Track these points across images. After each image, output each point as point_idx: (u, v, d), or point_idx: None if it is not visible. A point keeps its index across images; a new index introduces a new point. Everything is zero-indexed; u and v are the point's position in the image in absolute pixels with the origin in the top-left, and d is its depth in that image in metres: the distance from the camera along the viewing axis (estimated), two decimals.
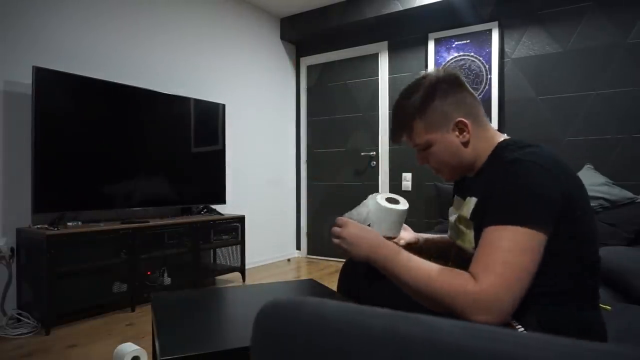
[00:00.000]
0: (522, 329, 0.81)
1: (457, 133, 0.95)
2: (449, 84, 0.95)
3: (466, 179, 1.05)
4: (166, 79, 3.26)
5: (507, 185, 0.82)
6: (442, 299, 0.79)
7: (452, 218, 1.07)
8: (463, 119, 0.94)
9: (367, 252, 0.91)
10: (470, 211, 0.95)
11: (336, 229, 0.97)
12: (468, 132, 0.95)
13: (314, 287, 1.46)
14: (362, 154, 4.16)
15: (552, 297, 0.83)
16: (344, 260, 1.32)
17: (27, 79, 2.43)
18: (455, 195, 1.11)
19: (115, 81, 2.83)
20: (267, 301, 0.51)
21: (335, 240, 0.96)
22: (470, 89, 0.99)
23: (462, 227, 0.99)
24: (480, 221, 0.87)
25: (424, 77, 0.98)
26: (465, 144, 0.95)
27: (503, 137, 0.98)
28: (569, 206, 0.81)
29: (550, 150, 0.85)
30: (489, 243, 0.80)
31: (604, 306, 1.32)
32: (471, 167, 0.99)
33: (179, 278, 2.89)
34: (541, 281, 0.80)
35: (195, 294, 1.38)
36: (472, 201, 0.96)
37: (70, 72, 2.60)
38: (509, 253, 0.77)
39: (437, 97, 0.94)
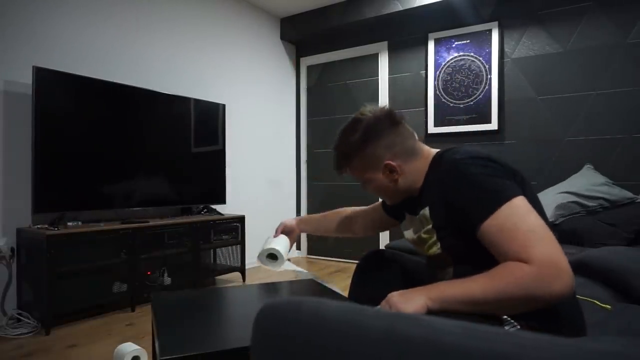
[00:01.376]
0: (506, 316, 0.84)
1: (387, 173, 1.04)
2: (383, 124, 1.03)
3: (411, 199, 1.10)
4: (166, 79, 3.26)
5: (465, 185, 0.88)
6: (516, 296, 0.76)
7: (409, 235, 1.14)
8: (390, 162, 1.02)
9: (424, 301, 0.85)
10: (427, 217, 1.01)
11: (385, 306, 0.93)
12: (397, 173, 1.03)
13: (315, 287, 1.46)
14: None
15: None
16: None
17: (27, 79, 2.43)
18: (407, 214, 1.16)
19: (115, 81, 2.83)
20: (267, 302, 0.51)
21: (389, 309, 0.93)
22: (404, 123, 1.06)
23: (425, 236, 1.05)
24: (443, 225, 0.96)
25: (360, 119, 1.05)
26: (395, 182, 1.05)
27: (435, 150, 1.06)
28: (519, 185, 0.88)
29: (476, 149, 0.95)
30: (499, 232, 0.81)
31: (604, 306, 1.32)
32: (410, 191, 1.07)
33: (179, 278, 2.89)
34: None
35: (195, 294, 1.38)
36: (425, 210, 1.02)
37: (70, 72, 2.60)
38: (523, 222, 0.80)
39: (371, 140, 1.02)
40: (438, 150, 1.06)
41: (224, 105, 3.48)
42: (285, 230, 1.49)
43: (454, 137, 3.60)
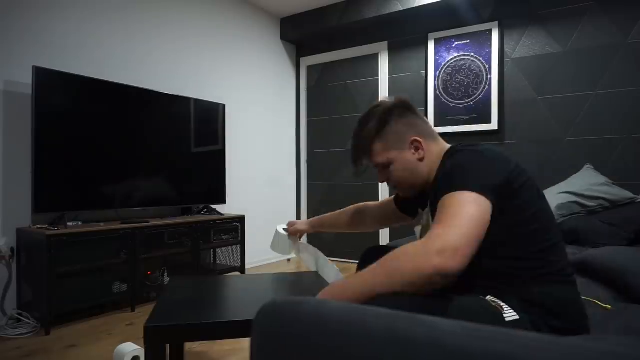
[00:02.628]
0: (512, 311, 0.85)
1: (412, 151, 1.06)
2: (401, 108, 1.08)
3: (423, 194, 1.13)
4: (166, 79, 3.26)
5: (448, 168, 0.93)
6: (404, 268, 0.79)
7: (418, 229, 1.18)
8: (417, 137, 1.06)
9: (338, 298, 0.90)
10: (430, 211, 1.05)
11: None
12: (422, 149, 1.06)
13: (317, 280, 1.46)
14: None
15: (523, 277, 0.89)
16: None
17: (27, 79, 2.43)
18: (419, 210, 1.20)
19: (115, 81, 2.83)
20: (267, 301, 0.51)
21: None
22: (420, 113, 1.11)
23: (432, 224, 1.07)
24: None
25: (378, 106, 1.10)
26: (421, 160, 1.07)
27: (449, 146, 1.09)
28: (513, 185, 0.89)
29: (491, 146, 0.96)
30: (439, 210, 0.86)
31: (605, 306, 1.32)
32: (426, 182, 1.09)
33: None
34: (511, 263, 0.88)
35: (210, 280, 1.40)
36: (427, 211, 1.09)
37: (70, 72, 2.60)
38: (455, 208, 0.83)
39: (392, 120, 1.06)
40: (450, 145, 1.09)
41: (224, 105, 3.48)
42: (292, 230, 1.58)
43: (454, 137, 3.60)
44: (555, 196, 2.69)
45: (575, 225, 2.53)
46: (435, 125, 3.69)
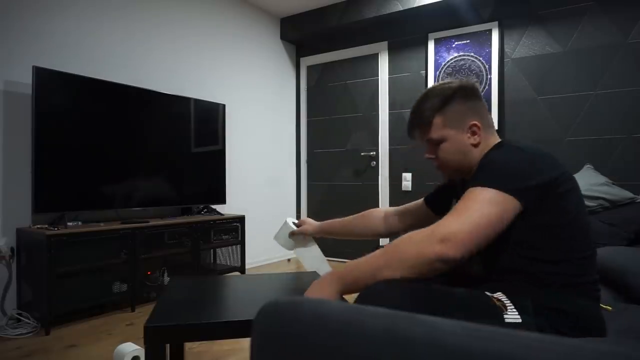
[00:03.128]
0: (512, 306, 0.84)
1: (469, 134, 1.05)
2: (468, 91, 1.07)
3: (461, 183, 1.12)
4: (166, 79, 3.26)
5: (485, 161, 0.94)
6: (408, 251, 0.81)
7: None
8: (477, 123, 1.04)
9: (335, 287, 0.90)
10: None
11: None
12: (479, 136, 1.05)
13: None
14: (362, 154, 4.16)
15: (549, 284, 0.87)
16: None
17: (27, 79, 2.43)
18: (453, 200, 1.19)
19: (115, 81, 2.83)
20: (267, 301, 0.51)
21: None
22: (484, 102, 1.10)
23: None
24: None
25: (445, 83, 1.09)
26: (476, 145, 1.05)
27: (499, 140, 1.07)
28: (553, 189, 0.88)
29: (538, 146, 0.95)
30: (459, 201, 0.86)
31: (605, 306, 1.32)
32: (470, 170, 1.05)
33: None
34: (540, 267, 0.87)
35: (210, 280, 1.40)
36: None
37: (70, 72, 2.60)
38: (472, 203, 0.84)
39: (458, 99, 1.05)
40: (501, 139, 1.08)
41: (224, 105, 3.48)
42: (300, 230, 1.51)
43: None
44: None
45: None
46: None
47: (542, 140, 3.22)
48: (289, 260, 4.36)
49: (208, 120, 3.35)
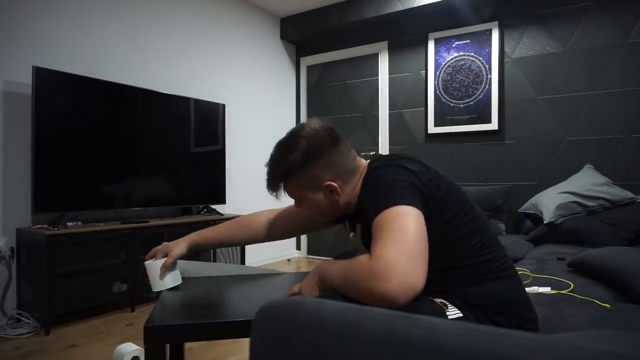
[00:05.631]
0: (458, 311, 0.87)
1: (327, 194, 1.01)
2: (325, 143, 0.99)
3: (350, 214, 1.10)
4: (166, 79, 3.26)
5: (368, 189, 0.92)
6: (355, 285, 0.78)
7: (352, 237, 1.16)
8: (332, 183, 0.99)
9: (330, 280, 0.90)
10: (359, 234, 1.06)
11: (295, 292, 0.99)
12: (337, 194, 1.01)
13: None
14: (362, 153, 4.16)
15: (457, 283, 0.90)
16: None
17: (27, 79, 2.43)
18: (351, 232, 1.16)
19: (115, 81, 2.83)
20: (267, 301, 0.50)
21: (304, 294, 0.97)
22: (345, 141, 1.04)
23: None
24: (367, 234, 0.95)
25: (300, 136, 1.01)
26: (335, 202, 1.02)
27: (366, 162, 1.04)
28: (437, 195, 0.89)
29: (408, 156, 0.95)
30: (376, 229, 0.82)
31: (604, 305, 1.32)
32: (349, 208, 1.05)
33: None
34: (445, 273, 0.90)
35: (210, 280, 1.40)
36: (358, 227, 1.06)
37: (70, 72, 2.60)
38: (392, 224, 0.80)
39: (312, 159, 0.99)
40: (369, 161, 1.04)
41: (224, 105, 3.48)
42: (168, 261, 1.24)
43: (454, 137, 3.60)
44: (555, 196, 2.69)
45: (575, 225, 2.53)
46: (435, 126, 3.69)
47: (543, 140, 3.22)
48: (288, 260, 4.36)
49: (208, 120, 3.35)
